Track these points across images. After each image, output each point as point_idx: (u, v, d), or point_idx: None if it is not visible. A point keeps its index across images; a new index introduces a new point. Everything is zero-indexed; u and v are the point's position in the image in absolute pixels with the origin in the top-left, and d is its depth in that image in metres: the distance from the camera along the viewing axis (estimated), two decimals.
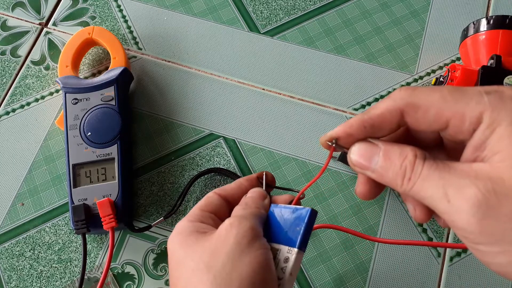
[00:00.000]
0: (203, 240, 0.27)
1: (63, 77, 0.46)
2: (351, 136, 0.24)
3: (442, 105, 0.21)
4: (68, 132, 0.44)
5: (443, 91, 0.22)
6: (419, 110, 0.22)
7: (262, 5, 0.54)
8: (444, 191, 0.20)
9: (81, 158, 0.43)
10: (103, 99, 0.45)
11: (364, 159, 0.24)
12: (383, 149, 0.23)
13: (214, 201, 0.31)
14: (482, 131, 0.21)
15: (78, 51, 0.48)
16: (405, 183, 0.22)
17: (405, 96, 0.22)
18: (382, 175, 0.23)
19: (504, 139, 0.20)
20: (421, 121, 0.22)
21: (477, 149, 0.21)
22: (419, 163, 0.22)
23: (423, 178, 0.21)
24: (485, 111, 0.20)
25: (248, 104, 0.50)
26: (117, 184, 0.43)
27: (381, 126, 0.23)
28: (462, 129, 0.21)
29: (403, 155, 0.22)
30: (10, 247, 0.44)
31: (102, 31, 0.49)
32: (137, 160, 0.48)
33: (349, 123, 0.24)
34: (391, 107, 0.23)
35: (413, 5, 0.54)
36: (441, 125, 0.22)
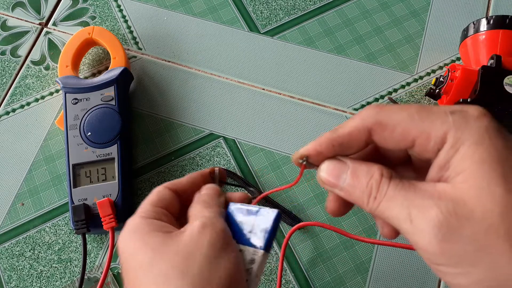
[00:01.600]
0: (171, 241, 0.25)
1: (63, 77, 0.46)
2: (321, 154, 0.24)
3: (408, 124, 0.22)
4: (68, 132, 0.44)
5: (410, 110, 0.22)
6: (386, 128, 0.22)
7: (262, 5, 0.54)
8: (408, 212, 0.21)
9: (81, 158, 0.43)
10: (103, 99, 0.45)
11: (332, 177, 0.24)
12: (351, 167, 0.23)
13: (165, 196, 0.29)
14: (446, 151, 0.21)
15: (78, 51, 0.48)
16: (371, 202, 0.22)
17: (373, 114, 0.23)
18: (350, 193, 0.23)
19: (467, 159, 0.20)
20: (388, 140, 0.22)
21: (441, 169, 0.21)
22: (384, 183, 0.22)
23: (388, 198, 0.22)
24: (449, 131, 0.21)
25: (248, 104, 0.50)
26: (117, 184, 0.43)
27: (349, 144, 0.24)
28: (427, 148, 0.21)
29: (369, 174, 0.23)
30: (10, 247, 0.44)
31: (102, 31, 0.49)
32: (137, 160, 0.48)
33: (319, 141, 0.24)
34: (359, 125, 0.23)
35: (413, 5, 0.54)
36: (407, 143, 0.22)
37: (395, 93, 0.50)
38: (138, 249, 0.25)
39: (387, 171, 0.22)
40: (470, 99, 0.41)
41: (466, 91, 0.43)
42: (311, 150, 0.24)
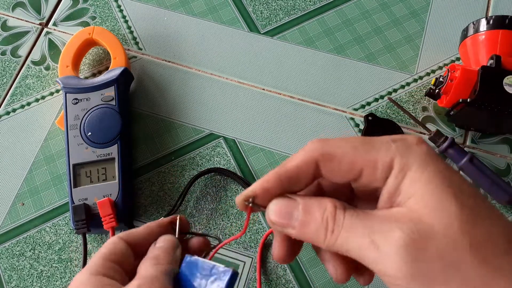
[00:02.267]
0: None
1: (64, 77, 0.47)
2: (268, 191, 0.23)
3: (354, 154, 0.22)
4: (69, 132, 0.44)
5: (355, 142, 0.22)
6: (334, 160, 0.22)
7: (262, 5, 0.55)
8: (371, 239, 0.20)
9: (81, 158, 0.43)
10: (104, 99, 0.45)
11: (283, 216, 0.23)
12: (302, 203, 0.23)
13: (119, 249, 0.27)
14: (394, 177, 0.21)
15: (78, 51, 0.48)
16: (329, 237, 0.21)
17: (319, 147, 0.22)
18: (303, 231, 0.22)
19: (416, 182, 0.20)
20: (336, 171, 0.22)
21: (392, 195, 0.21)
22: (340, 214, 0.21)
23: (347, 228, 0.21)
24: (395, 158, 0.21)
25: (248, 104, 0.50)
26: (117, 184, 0.43)
27: (298, 179, 0.23)
28: (375, 176, 0.22)
29: (322, 207, 0.22)
30: (10, 247, 0.45)
31: (102, 31, 0.49)
32: (137, 160, 0.48)
33: (266, 178, 0.23)
34: (306, 158, 0.22)
35: (413, 5, 0.54)
36: (355, 174, 0.22)
37: (395, 93, 0.50)
38: None
39: (340, 203, 0.22)
40: (469, 99, 0.41)
41: (465, 91, 0.43)
42: (257, 188, 0.23)
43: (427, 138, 0.48)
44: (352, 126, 0.49)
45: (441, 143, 0.46)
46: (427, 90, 0.47)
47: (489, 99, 0.41)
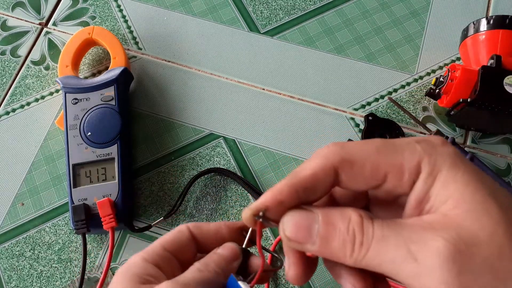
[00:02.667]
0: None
1: (63, 77, 0.46)
2: (282, 204, 0.20)
3: (377, 158, 0.19)
4: (68, 132, 0.44)
5: (376, 143, 0.20)
6: (355, 165, 0.20)
7: (262, 5, 0.54)
8: (407, 249, 0.18)
9: (81, 158, 0.43)
10: (103, 99, 0.45)
11: (301, 231, 0.20)
12: (322, 215, 0.20)
13: (183, 240, 0.25)
14: (423, 181, 0.19)
15: (78, 51, 0.48)
16: (357, 250, 0.19)
17: (337, 151, 0.20)
18: (326, 246, 0.19)
19: (450, 184, 0.18)
20: (358, 177, 0.20)
21: (420, 201, 0.19)
22: (368, 224, 0.19)
23: (378, 239, 0.18)
24: (422, 160, 0.19)
25: (248, 104, 0.50)
26: (117, 184, 0.43)
27: (314, 188, 0.20)
28: (401, 181, 0.19)
29: (346, 218, 0.19)
30: (10, 247, 0.44)
31: (102, 31, 0.49)
32: (137, 160, 0.48)
33: (278, 189, 0.20)
34: (324, 165, 0.20)
35: (413, 5, 0.54)
36: (379, 180, 0.20)
37: (395, 93, 0.50)
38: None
39: (365, 212, 0.19)
40: (470, 99, 0.41)
41: (466, 91, 0.43)
42: (269, 201, 0.20)
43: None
44: (352, 126, 0.49)
45: None
46: (428, 90, 0.47)
47: (490, 99, 0.40)
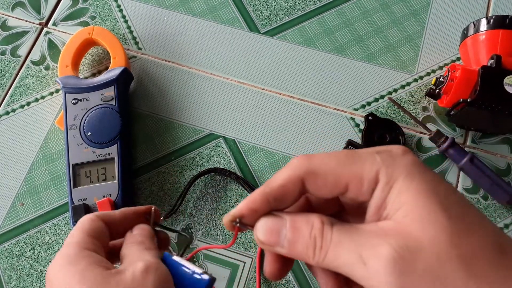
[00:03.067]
0: (111, 280, 0.24)
1: (63, 77, 0.46)
2: (256, 211, 0.23)
3: (339, 170, 0.21)
4: (68, 132, 0.44)
5: (339, 156, 0.22)
6: (319, 176, 0.22)
7: (262, 5, 0.54)
8: (358, 254, 0.20)
9: (81, 158, 0.43)
10: (103, 99, 0.45)
11: (271, 235, 0.22)
12: (290, 221, 0.22)
13: (98, 227, 0.28)
14: (381, 189, 0.21)
15: (78, 51, 0.48)
16: (317, 253, 0.21)
17: (303, 163, 0.22)
18: (292, 248, 0.22)
19: (403, 194, 0.20)
20: (321, 187, 0.22)
21: (379, 208, 0.21)
22: (327, 229, 0.21)
23: (335, 244, 0.21)
24: (380, 170, 0.21)
25: (248, 104, 0.50)
26: (117, 184, 0.43)
27: (284, 197, 0.22)
28: (361, 190, 0.21)
29: (310, 224, 0.22)
30: (10, 247, 0.44)
31: (102, 31, 0.49)
32: (137, 160, 0.48)
33: (252, 198, 0.23)
34: (291, 176, 0.22)
35: (413, 5, 0.54)
36: (341, 189, 0.22)
37: (395, 93, 0.50)
38: (74, 284, 0.24)
39: (327, 218, 0.22)
40: (470, 99, 0.41)
41: (466, 91, 0.43)
42: (244, 209, 0.23)
43: (427, 138, 0.48)
44: (352, 126, 0.49)
45: (441, 143, 0.46)
46: (428, 90, 0.47)
47: (490, 99, 0.40)
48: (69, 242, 0.26)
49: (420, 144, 0.48)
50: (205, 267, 0.43)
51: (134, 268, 0.25)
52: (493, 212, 0.45)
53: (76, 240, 0.26)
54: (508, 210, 0.45)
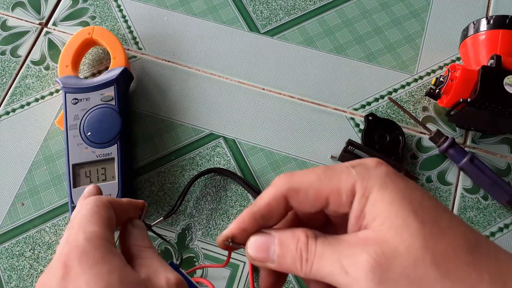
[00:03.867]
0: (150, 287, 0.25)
1: (63, 77, 0.46)
2: (245, 230, 0.24)
3: (319, 185, 0.23)
4: (68, 132, 0.44)
5: (318, 172, 0.23)
6: (300, 192, 0.23)
7: (262, 5, 0.54)
8: (340, 264, 0.21)
9: (81, 158, 0.43)
10: (103, 99, 0.45)
11: (261, 252, 0.24)
12: (277, 237, 0.23)
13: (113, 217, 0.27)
14: (358, 201, 0.22)
15: (78, 51, 0.48)
16: (304, 266, 0.22)
17: (286, 182, 0.23)
18: (281, 263, 0.23)
19: (378, 204, 0.21)
20: (304, 203, 0.23)
21: (358, 219, 0.22)
22: (312, 243, 0.22)
23: (319, 256, 0.22)
24: (356, 183, 0.22)
25: (248, 104, 0.50)
26: (117, 184, 0.43)
27: (270, 215, 0.24)
28: (341, 203, 0.22)
29: (295, 238, 0.23)
30: (10, 247, 0.44)
31: (102, 31, 0.49)
32: (137, 160, 0.48)
33: (241, 218, 0.24)
34: (275, 194, 0.23)
35: (413, 5, 0.54)
36: (322, 203, 0.23)
37: (395, 93, 0.50)
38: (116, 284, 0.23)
39: (311, 232, 0.23)
40: (470, 99, 0.41)
41: (466, 91, 0.43)
42: (234, 229, 0.24)
43: (427, 138, 0.48)
44: (352, 126, 0.49)
45: (441, 143, 0.46)
46: (428, 90, 0.47)
47: (490, 99, 0.40)
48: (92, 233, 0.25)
49: (420, 144, 0.48)
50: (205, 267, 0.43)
51: (168, 280, 0.25)
52: (493, 212, 0.45)
53: (100, 231, 0.25)
54: (508, 210, 0.45)
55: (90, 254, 0.24)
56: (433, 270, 0.19)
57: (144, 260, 0.27)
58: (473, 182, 0.46)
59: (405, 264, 0.20)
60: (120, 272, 0.24)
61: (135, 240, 0.28)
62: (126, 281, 0.24)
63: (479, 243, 0.21)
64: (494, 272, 0.20)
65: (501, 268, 0.20)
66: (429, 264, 0.20)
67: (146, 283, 0.25)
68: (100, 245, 0.24)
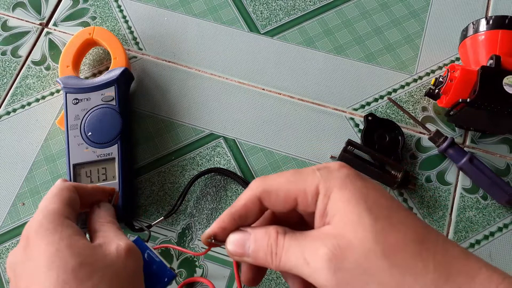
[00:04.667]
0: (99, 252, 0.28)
1: (64, 77, 0.47)
2: (225, 229, 0.27)
3: (287, 186, 0.25)
4: (69, 132, 0.44)
5: (287, 175, 0.26)
6: (271, 194, 0.26)
7: (262, 5, 0.55)
8: (303, 256, 0.23)
9: (81, 158, 0.43)
10: (104, 99, 0.45)
11: (238, 247, 0.26)
12: (252, 234, 0.26)
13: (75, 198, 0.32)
14: (321, 200, 0.24)
15: (79, 51, 0.48)
16: (274, 259, 0.25)
17: (260, 184, 0.26)
18: (255, 257, 0.26)
19: (337, 202, 0.24)
20: (275, 204, 0.26)
21: (322, 216, 0.24)
22: (281, 238, 0.25)
23: (286, 250, 0.24)
24: (320, 183, 0.24)
25: (248, 104, 0.50)
26: (117, 184, 0.43)
27: (247, 214, 0.26)
28: (307, 202, 0.25)
29: (267, 235, 0.25)
30: (10, 247, 0.45)
31: (102, 31, 0.49)
32: (137, 160, 0.48)
33: (221, 218, 0.27)
34: (250, 196, 0.26)
35: (413, 5, 0.54)
36: (291, 203, 0.25)
37: (395, 93, 0.50)
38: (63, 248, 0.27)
39: (281, 228, 0.25)
40: (469, 99, 0.41)
41: (465, 91, 0.43)
42: (215, 228, 0.27)
43: (427, 138, 0.48)
44: (352, 126, 0.49)
45: (440, 143, 0.46)
46: (427, 90, 0.47)
47: (489, 99, 0.41)
48: (49, 210, 0.29)
49: (420, 144, 0.48)
50: (205, 266, 0.44)
51: (118, 246, 0.29)
52: (492, 212, 0.45)
53: (56, 208, 0.30)
54: (507, 210, 0.46)
55: (44, 226, 0.28)
56: (383, 260, 0.21)
57: (103, 232, 0.31)
58: (472, 182, 0.46)
59: (358, 255, 0.22)
60: (69, 239, 0.27)
61: (99, 218, 0.33)
62: (74, 246, 0.27)
63: (428, 236, 0.22)
64: (440, 262, 0.21)
65: (448, 259, 0.21)
66: (379, 255, 0.21)
67: (95, 248, 0.28)
68: (54, 219, 0.29)
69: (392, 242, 0.22)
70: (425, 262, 0.21)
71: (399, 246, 0.22)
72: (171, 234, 0.45)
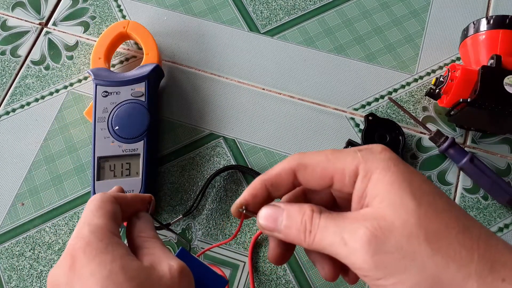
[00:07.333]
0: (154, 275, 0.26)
1: (96, 68, 0.46)
2: (256, 196, 0.26)
3: (326, 164, 0.25)
4: (96, 124, 0.44)
5: (326, 153, 0.25)
6: (308, 169, 0.25)
7: (262, 5, 0.54)
8: (341, 236, 0.23)
9: (106, 151, 0.43)
10: (133, 94, 0.45)
11: (270, 222, 0.26)
12: (286, 209, 0.26)
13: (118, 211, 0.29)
14: (360, 181, 0.24)
15: (111, 44, 0.48)
16: (307, 236, 0.24)
17: (297, 158, 0.26)
18: (287, 233, 0.25)
19: (379, 184, 0.23)
20: (310, 179, 0.25)
21: (360, 198, 0.24)
22: (316, 216, 0.24)
23: (322, 228, 0.24)
24: (360, 164, 0.24)
25: (248, 104, 0.50)
26: (140, 180, 0.43)
27: (279, 184, 0.26)
28: (345, 182, 0.24)
29: (302, 212, 0.25)
30: (10, 247, 0.44)
31: (137, 25, 0.48)
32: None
33: (253, 185, 0.27)
34: (285, 167, 0.26)
35: (413, 5, 0.54)
36: (327, 181, 0.25)
37: (395, 93, 0.50)
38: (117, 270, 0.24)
39: (316, 207, 0.25)
40: (470, 99, 0.41)
41: (466, 91, 0.43)
42: (247, 195, 0.27)
43: (427, 138, 0.48)
44: (352, 126, 0.49)
45: (441, 143, 0.46)
46: (428, 90, 0.47)
47: (490, 99, 0.40)
48: (96, 225, 0.27)
49: (420, 144, 0.48)
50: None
51: (170, 267, 0.27)
52: (493, 212, 0.45)
53: (103, 223, 0.27)
54: (508, 210, 0.45)
55: (93, 245, 0.25)
56: (426, 245, 0.21)
57: (148, 249, 0.28)
58: (473, 182, 0.46)
59: (400, 238, 0.21)
60: (122, 260, 0.25)
61: (139, 232, 0.30)
62: (128, 268, 0.25)
63: (472, 226, 0.22)
64: (484, 253, 0.21)
65: (491, 252, 0.21)
66: (422, 240, 0.21)
67: (148, 270, 0.26)
68: (103, 237, 0.26)
69: (436, 228, 0.21)
70: (469, 251, 0.21)
71: (443, 233, 0.21)
72: (171, 234, 0.45)
